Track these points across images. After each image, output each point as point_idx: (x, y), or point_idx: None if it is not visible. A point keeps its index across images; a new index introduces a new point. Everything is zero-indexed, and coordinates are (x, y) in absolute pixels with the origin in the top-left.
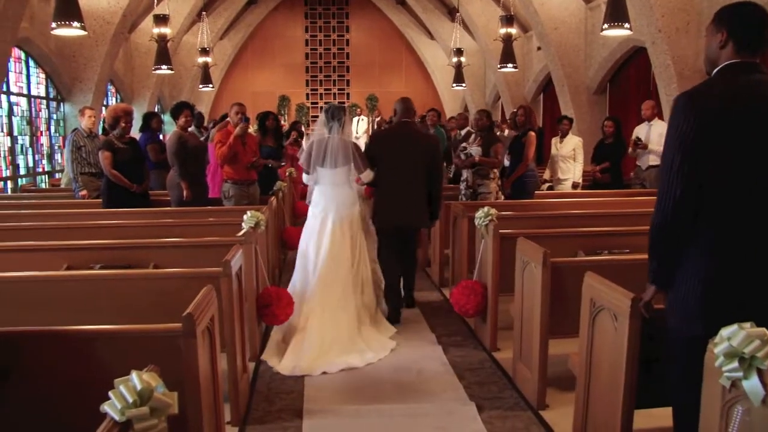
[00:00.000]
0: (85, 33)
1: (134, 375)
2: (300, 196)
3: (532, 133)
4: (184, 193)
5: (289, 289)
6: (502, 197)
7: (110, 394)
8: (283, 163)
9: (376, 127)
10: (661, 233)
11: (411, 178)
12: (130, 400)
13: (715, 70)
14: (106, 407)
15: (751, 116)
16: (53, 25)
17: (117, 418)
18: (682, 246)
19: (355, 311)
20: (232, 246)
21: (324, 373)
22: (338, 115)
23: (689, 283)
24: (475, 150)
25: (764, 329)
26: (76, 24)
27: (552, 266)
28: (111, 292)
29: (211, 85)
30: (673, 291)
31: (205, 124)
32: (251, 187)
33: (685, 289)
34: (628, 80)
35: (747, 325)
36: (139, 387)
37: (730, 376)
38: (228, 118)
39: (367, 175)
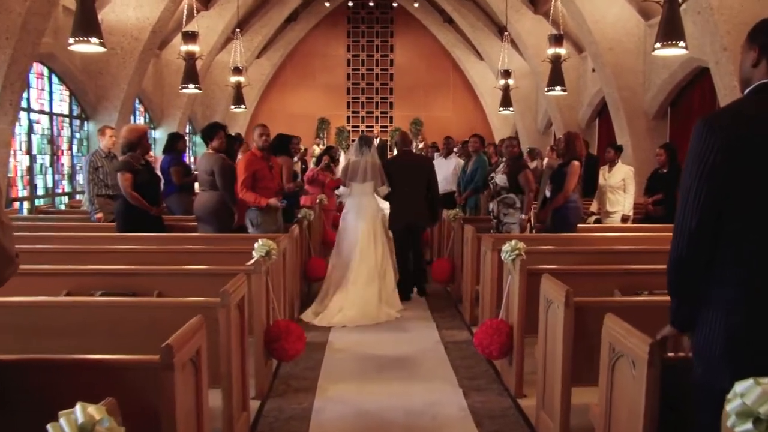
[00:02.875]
0: (104, 50)
1: (78, 407)
2: (332, 224)
3: (576, 163)
4: (236, 217)
5: (328, 269)
6: (532, 229)
7: (48, 427)
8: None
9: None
10: (678, 269)
11: (414, 191)
12: None
13: (747, 91)
14: None
15: None
16: (71, 40)
17: None
18: (701, 284)
19: (378, 289)
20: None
21: (344, 326)
22: (369, 142)
23: (714, 327)
24: (500, 178)
25: None
26: (94, 40)
27: (576, 306)
28: (106, 320)
29: (243, 106)
30: (697, 336)
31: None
32: (277, 213)
33: (709, 335)
34: (691, 104)
35: (765, 380)
36: (80, 420)
37: None
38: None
39: (383, 190)
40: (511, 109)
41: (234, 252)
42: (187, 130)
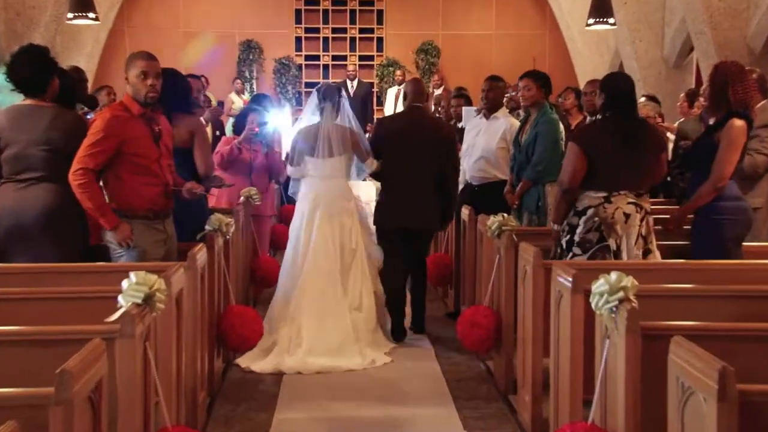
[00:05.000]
0: None
1: None
2: (270, 242)
3: (737, 123)
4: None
5: (275, 298)
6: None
7: None
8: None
9: (437, 108)
10: None
11: (418, 172)
12: None
13: None
14: None
15: None
16: None
17: None
18: None
19: (351, 320)
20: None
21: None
22: (332, 96)
23: None
24: None
25: None
26: None
27: (743, 401)
28: None
29: (92, 16)
30: None
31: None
32: (167, 222)
33: None
34: None
35: None
36: None
37: None
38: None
39: (371, 165)
40: (612, 21)
41: (83, 297)
42: None
